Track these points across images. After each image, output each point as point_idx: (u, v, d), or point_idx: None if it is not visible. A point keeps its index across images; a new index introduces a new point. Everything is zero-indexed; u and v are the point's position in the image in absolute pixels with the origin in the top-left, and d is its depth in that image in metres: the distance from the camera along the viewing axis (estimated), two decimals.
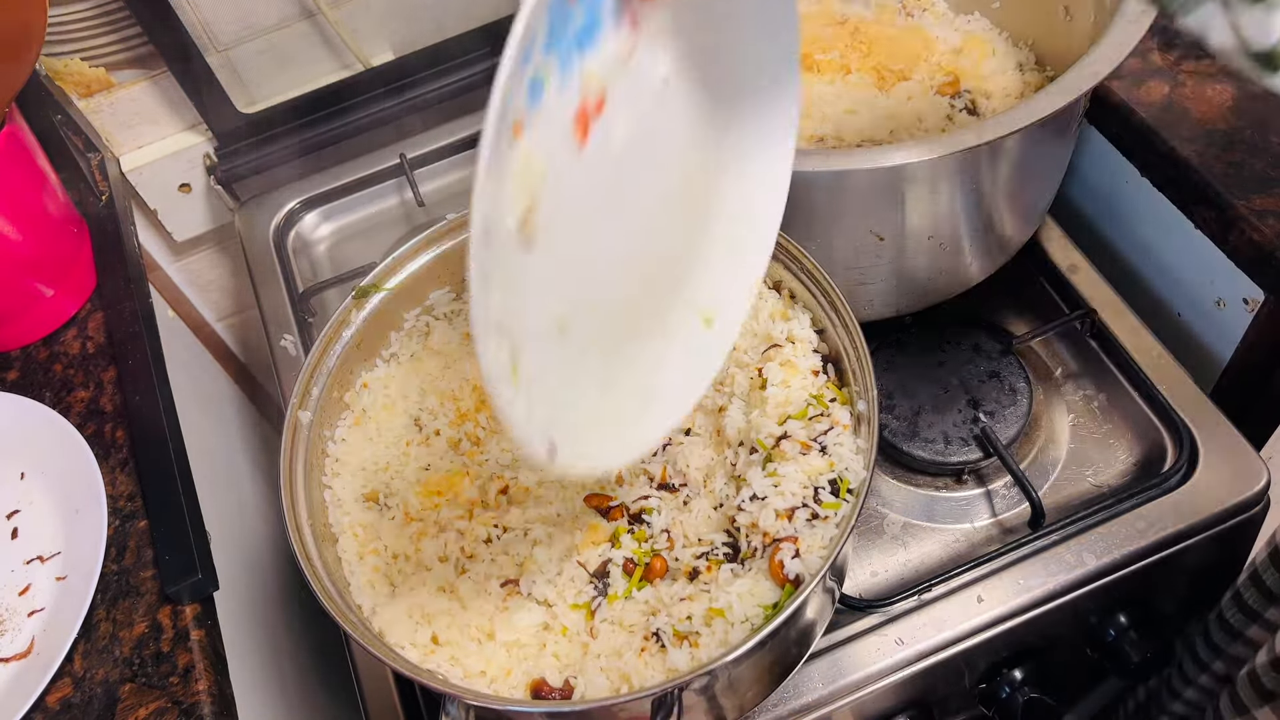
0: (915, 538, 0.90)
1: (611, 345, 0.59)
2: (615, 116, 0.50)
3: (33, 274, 1.04)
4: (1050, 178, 0.96)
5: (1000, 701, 0.88)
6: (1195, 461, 0.88)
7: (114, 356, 1.03)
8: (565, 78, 0.47)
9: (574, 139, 0.49)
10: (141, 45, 1.14)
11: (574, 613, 0.68)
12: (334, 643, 0.95)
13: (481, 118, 0.41)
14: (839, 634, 0.83)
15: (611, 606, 0.68)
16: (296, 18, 1.18)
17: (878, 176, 0.80)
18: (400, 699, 0.85)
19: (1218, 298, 0.99)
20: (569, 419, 0.55)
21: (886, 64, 1.00)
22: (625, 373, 0.61)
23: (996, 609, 0.83)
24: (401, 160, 1.23)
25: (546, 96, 0.46)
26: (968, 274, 0.96)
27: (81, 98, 1.16)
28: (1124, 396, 0.95)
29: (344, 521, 0.73)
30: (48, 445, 0.95)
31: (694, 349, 0.65)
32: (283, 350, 1.09)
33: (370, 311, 0.79)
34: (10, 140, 1.00)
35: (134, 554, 0.88)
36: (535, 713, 0.66)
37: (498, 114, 0.41)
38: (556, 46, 0.46)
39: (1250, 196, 0.89)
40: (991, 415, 0.92)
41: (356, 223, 1.26)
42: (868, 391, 0.69)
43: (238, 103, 1.20)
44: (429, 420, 0.79)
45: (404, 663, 0.63)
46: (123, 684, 0.81)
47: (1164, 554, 0.85)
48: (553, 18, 0.45)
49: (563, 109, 0.48)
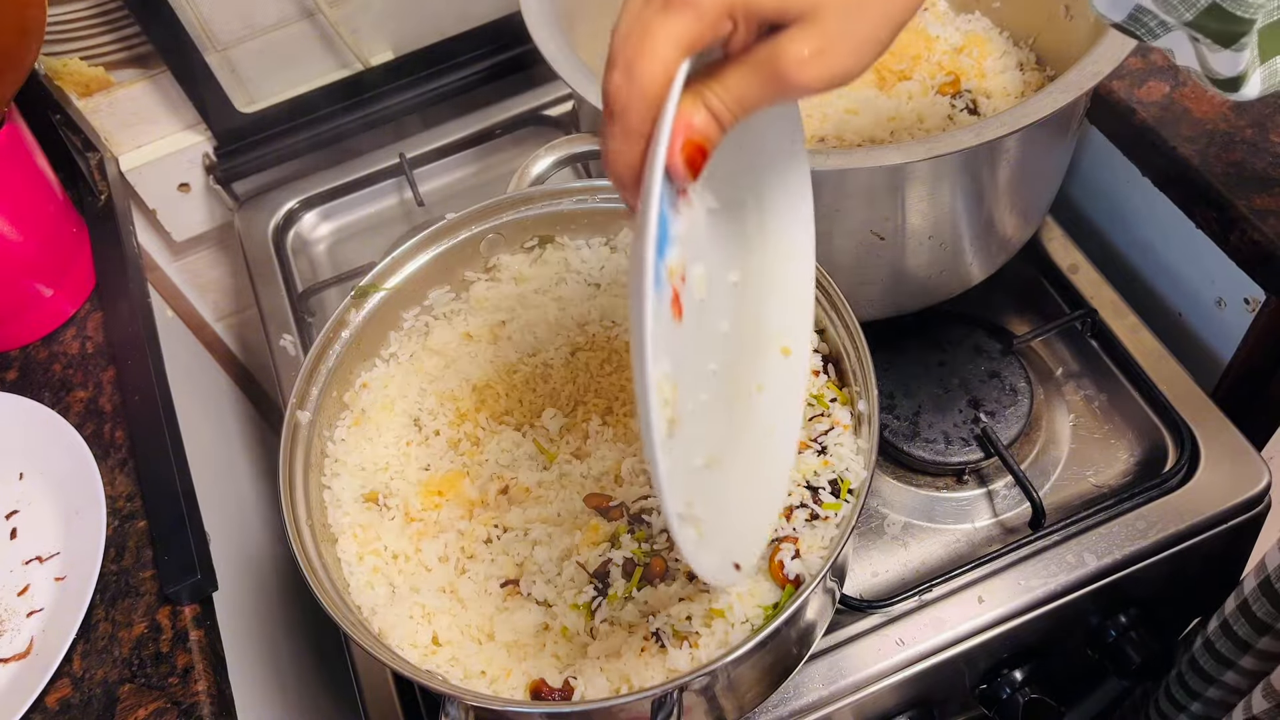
0: (916, 538, 0.90)
1: (740, 434, 0.61)
2: (692, 276, 0.49)
3: (31, 274, 1.04)
4: (1051, 177, 0.95)
5: (1001, 702, 0.88)
6: (1196, 462, 0.88)
7: (113, 356, 1.03)
8: (660, 290, 0.45)
9: (674, 323, 0.48)
10: (140, 44, 1.13)
11: (573, 613, 0.68)
12: (334, 643, 0.95)
13: (482, 117, 0.41)
14: (839, 634, 0.83)
15: (611, 606, 0.68)
16: (296, 17, 1.18)
17: (878, 176, 0.80)
18: (400, 700, 0.85)
19: (1218, 297, 0.99)
20: (737, 527, 0.59)
21: (887, 64, 1.00)
22: (753, 446, 0.62)
23: (997, 609, 0.83)
24: (401, 160, 1.23)
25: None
26: (968, 274, 0.96)
27: (80, 97, 1.15)
28: (1125, 396, 0.95)
29: (344, 522, 0.73)
30: (47, 445, 0.95)
31: (784, 380, 0.65)
32: (282, 350, 1.08)
33: (369, 311, 0.79)
34: (9, 140, 1.00)
35: (133, 554, 0.88)
36: (535, 713, 0.66)
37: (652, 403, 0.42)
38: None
39: (1251, 196, 0.89)
40: (992, 415, 0.92)
41: (356, 222, 1.26)
42: (868, 391, 0.69)
43: (237, 102, 1.20)
44: (428, 420, 0.79)
45: (404, 663, 0.63)
46: (122, 684, 0.81)
47: (1165, 554, 0.85)
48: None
49: (663, 314, 0.46)
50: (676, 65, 0.39)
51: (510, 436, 0.77)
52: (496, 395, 0.79)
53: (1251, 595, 0.84)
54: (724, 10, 0.39)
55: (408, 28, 1.23)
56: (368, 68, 1.23)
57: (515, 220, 0.82)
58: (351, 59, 1.23)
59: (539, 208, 0.82)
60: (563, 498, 0.73)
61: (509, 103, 1.26)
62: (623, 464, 0.73)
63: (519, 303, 0.83)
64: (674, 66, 0.39)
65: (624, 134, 0.40)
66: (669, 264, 0.47)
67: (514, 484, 0.75)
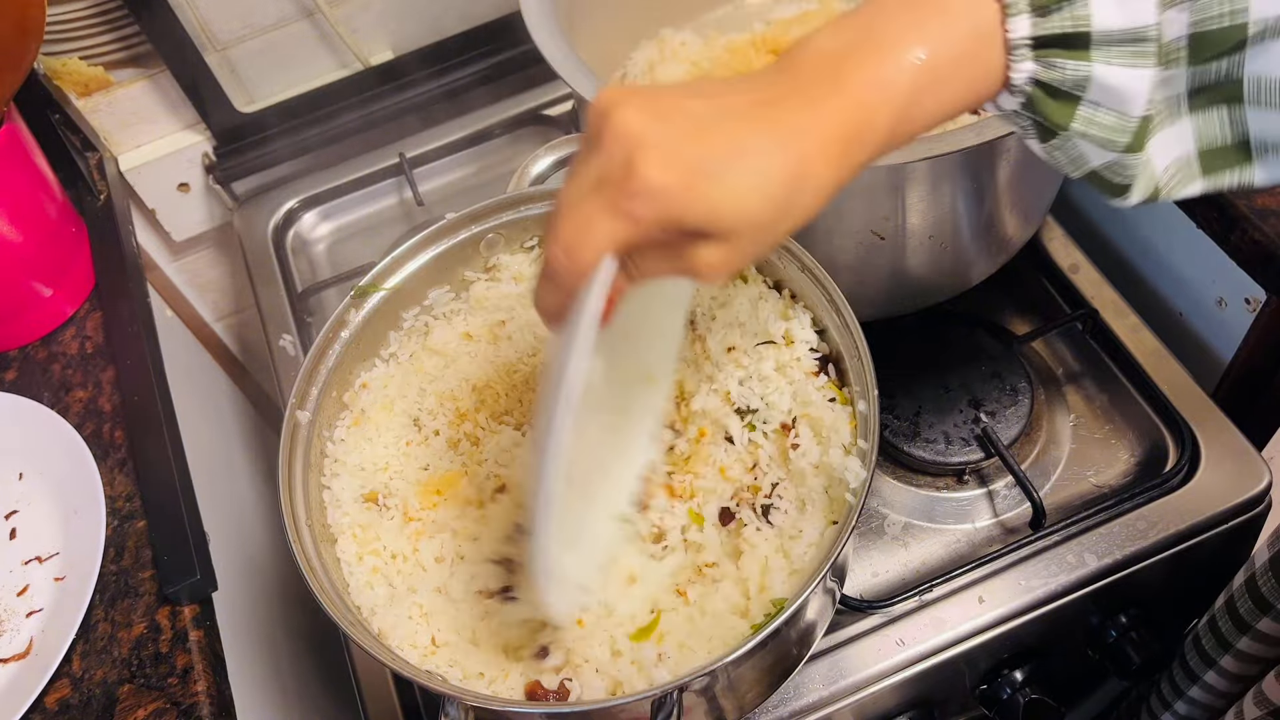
0: (916, 538, 0.90)
1: (591, 462, 0.65)
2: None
3: (31, 274, 1.04)
4: (1051, 177, 0.95)
5: (1001, 702, 0.88)
6: (1197, 462, 0.88)
7: (112, 356, 1.03)
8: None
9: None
10: (140, 44, 1.13)
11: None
12: (333, 643, 0.94)
13: (481, 116, 0.42)
14: (840, 634, 0.83)
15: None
16: (295, 17, 1.17)
17: (878, 176, 0.80)
18: (400, 700, 0.85)
19: (1219, 297, 0.99)
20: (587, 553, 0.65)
21: None
22: (598, 470, 0.67)
23: (997, 609, 0.83)
24: (401, 159, 1.23)
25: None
26: (969, 274, 0.96)
27: (80, 97, 1.15)
28: (1125, 396, 0.95)
29: (343, 522, 0.73)
30: (46, 445, 0.95)
31: (642, 404, 0.70)
32: (281, 350, 1.08)
33: (369, 311, 0.79)
34: (8, 140, 1.00)
35: (132, 554, 0.88)
36: (535, 714, 0.66)
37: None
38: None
39: (1252, 196, 0.89)
40: (992, 415, 0.92)
41: (355, 222, 1.26)
42: (869, 392, 0.69)
43: (236, 102, 1.20)
44: (428, 420, 0.79)
45: (403, 664, 0.63)
46: (121, 685, 0.81)
47: (1166, 554, 0.85)
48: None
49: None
50: (606, 253, 0.47)
51: (510, 436, 0.76)
52: (496, 395, 0.79)
53: (1238, 592, 0.84)
54: (657, 224, 0.45)
55: (408, 28, 1.23)
56: (367, 67, 1.23)
57: (515, 220, 0.82)
58: (351, 59, 1.23)
59: (539, 207, 0.82)
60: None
61: (509, 102, 1.26)
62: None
63: (519, 302, 0.83)
64: (604, 254, 0.47)
65: (556, 290, 0.49)
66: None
67: (510, 482, 0.75)
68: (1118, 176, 0.50)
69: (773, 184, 0.45)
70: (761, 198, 0.45)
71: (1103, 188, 0.52)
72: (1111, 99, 0.46)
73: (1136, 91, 0.46)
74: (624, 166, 0.45)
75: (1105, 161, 0.50)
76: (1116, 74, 0.46)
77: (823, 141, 0.45)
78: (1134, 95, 0.46)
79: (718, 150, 0.45)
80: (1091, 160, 0.50)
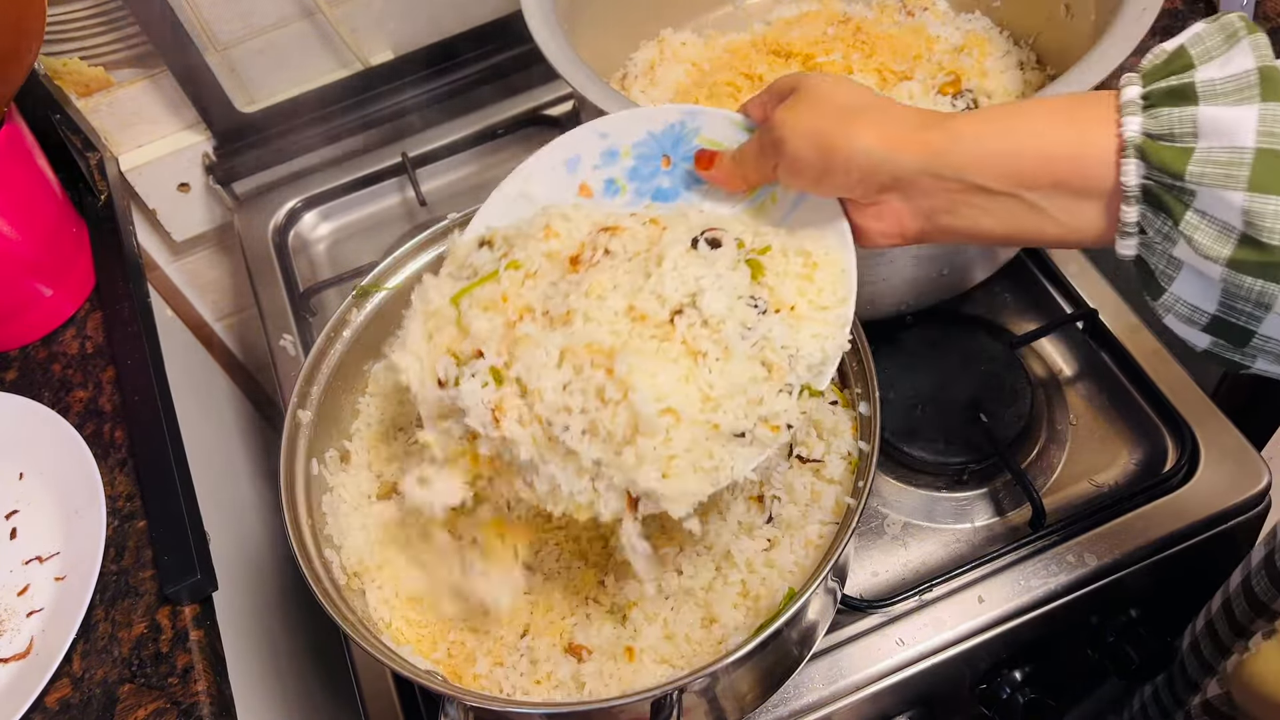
0: (916, 538, 0.90)
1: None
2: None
3: (31, 274, 1.04)
4: None
5: (1001, 702, 0.88)
6: (1196, 462, 0.88)
7: (113, 356, 1.03)
8: (637, 202, 0.69)
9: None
10: (140, 44, 1.13)
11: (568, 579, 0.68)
12: (334, 643, 0.94)
13: (483, 116, 0.41)
14: (840, 634, 0.83)
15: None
16: (296, 17, 1.17)
17: None
18: (400, 700, 0.85)
19: None
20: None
21: (889, 64, 1.00)
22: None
23: (997, 609, 0.83)
24: (403, 159, 1.23)
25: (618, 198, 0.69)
26: (969, 274, 0.96)
27: (80, 97, 1.15)
28: (1125, 396, 0.95)
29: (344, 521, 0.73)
30: (47, 445, 0.95)
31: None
32: (282, 350, 1.08)
33: (370, 311, 0.79)
34: (9, 140, 1.00)
35: (133, 554, 0.88)
36: (535, 714, 0.66)
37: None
38: (637, 179, 0.69)
39: None
40: (992, 415, 0.92)
41: (356, 222, 1.26)
42: (870, 393, 0.69)
43: (237, 102, 1.20)
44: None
45: (403, 664, 0.63)
46: (121, 684, 0.81)
47: (1165, 554, 0.85)
48: (639, 163, 0.69)
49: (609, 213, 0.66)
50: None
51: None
52: None
53: (1234, 594, 0.84)
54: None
55: (408, 27, 1.23)
56: (368, 67, 1.23)
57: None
58: (351, 58, 1.23)
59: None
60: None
61: (510, 102, 1.26)
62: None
63: None
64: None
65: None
66: (653, 210, 0.68)
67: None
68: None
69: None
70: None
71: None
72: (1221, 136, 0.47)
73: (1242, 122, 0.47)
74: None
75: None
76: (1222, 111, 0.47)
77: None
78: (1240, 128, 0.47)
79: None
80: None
